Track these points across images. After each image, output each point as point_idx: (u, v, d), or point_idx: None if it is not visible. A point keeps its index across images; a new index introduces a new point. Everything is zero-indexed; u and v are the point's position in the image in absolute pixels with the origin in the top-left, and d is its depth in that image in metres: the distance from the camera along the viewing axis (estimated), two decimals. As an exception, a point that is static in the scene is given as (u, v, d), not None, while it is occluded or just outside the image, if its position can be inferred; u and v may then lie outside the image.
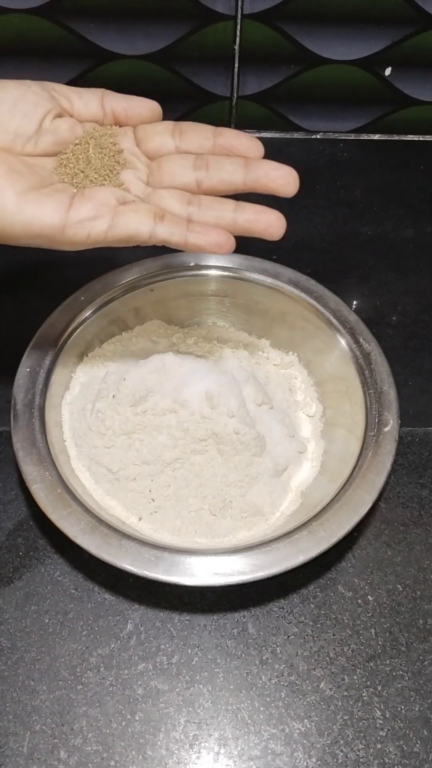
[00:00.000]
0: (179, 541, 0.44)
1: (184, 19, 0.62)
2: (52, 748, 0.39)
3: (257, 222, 0.38)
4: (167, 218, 0.37)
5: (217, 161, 0.39)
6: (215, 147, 0.39)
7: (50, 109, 0.38)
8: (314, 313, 0.50)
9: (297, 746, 0.40)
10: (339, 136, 0.71)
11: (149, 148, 0.40)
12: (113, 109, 0.40)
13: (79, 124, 0.39)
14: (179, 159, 0.39)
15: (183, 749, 0.40)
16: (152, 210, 0.37)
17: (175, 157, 0.39)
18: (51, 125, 0.38)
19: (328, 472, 0.46)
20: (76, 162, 0.38)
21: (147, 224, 0.36)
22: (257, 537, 0.44)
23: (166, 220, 0.37)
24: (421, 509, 0.48)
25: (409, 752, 0.40)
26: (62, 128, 0.38)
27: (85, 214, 0.36)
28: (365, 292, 0.59)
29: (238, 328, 0.54)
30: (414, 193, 0.66)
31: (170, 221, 0.37)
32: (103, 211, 0.36)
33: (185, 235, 0.37)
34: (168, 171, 0.39)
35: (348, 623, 0.44)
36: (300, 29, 0.62)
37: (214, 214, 0.38)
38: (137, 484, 0.46)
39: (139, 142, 0.40)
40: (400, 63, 0.65)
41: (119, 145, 0.39)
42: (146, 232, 0.36)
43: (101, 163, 0.38)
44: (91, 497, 0.44)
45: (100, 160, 0.38)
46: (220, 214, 0.38)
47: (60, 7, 0.61)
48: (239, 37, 0.63)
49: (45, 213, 0.35)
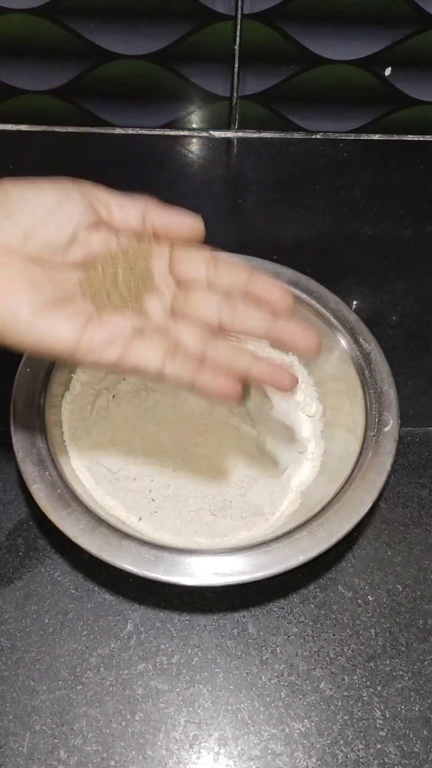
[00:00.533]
0: (179, 541, 0.44)
1: (184, 19, 0.62)
2: (52, 748, 0.39)
3: (270, 377, 0.36)
4: (179, 356, 0.36)
5: (245, 309, 0.37)
6: (246, 291, 0.38)
7: (86, 220, 0.36)
8: (314, 313, 0.50)
9: (297, 746, 0.40)
10: (339, 136, 0.71)
11: (181, 274, 0.38)
12: (153, 224, 0.38)
13: (114, 237, 0.38)
14: (207, 296, 0.38)
15: (183, 749, 0.40)
16: (165, 347, 0.36)
17: (205, 294, 0.38)
18: (84, 237, 0.36)
19: (328, 472, 0.46)
20: (103, 279, 0.36)
21: (157, 361, 0.35)
22: (257, 537, 0.44)
23: (177, 358, 0.36)
24: (421, 509, 0.48)
25: (409, 752, 0.40)
26: (95, 241, 0.37)
27: (97, 341, 0.35)
28: (365, 292, 0.59)
29: (238, 328, 0.54)
30: (414, 193, 0.66)
31: (181, 360, 0.36)
32: (116, 341, 0.35)
33: (193, 377, 0.35)
34: (194, 304, 0.38)
35: (348, 623, 0.44)
36: (300, 29, 0.62)
37: (229, 361, 0.36)
38: (137, 484, 0.46)
39: (173, 263, 0.38)
40: (400, 63, 0.65)
41: (150, 268, 0.38)
42: (155, 368, 0.35)
43: (127, 286, 0.37)
44: (91, 497, 0.44)
45: (126, 283, 0.37)
46: (235, 361, 0.37)
47: (60, 7, 0.61)
48: (239, 37, 0.63)
49: (58, 333, 0.34)
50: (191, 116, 0.69)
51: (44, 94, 0.67)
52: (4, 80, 0.66)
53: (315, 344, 0.37)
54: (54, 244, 0.36)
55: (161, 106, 0.69)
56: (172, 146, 0.69)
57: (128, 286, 0.37)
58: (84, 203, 0.36)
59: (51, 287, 0.35)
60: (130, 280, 0.37)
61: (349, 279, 0.60)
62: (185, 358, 0.36)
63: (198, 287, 0.38)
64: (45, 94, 0.67)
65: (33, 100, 0.68)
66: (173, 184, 0.66)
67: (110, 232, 0.38)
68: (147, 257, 0.38)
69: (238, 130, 0.70)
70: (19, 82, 0.66)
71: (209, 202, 0.65)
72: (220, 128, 0.70)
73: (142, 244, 0.38)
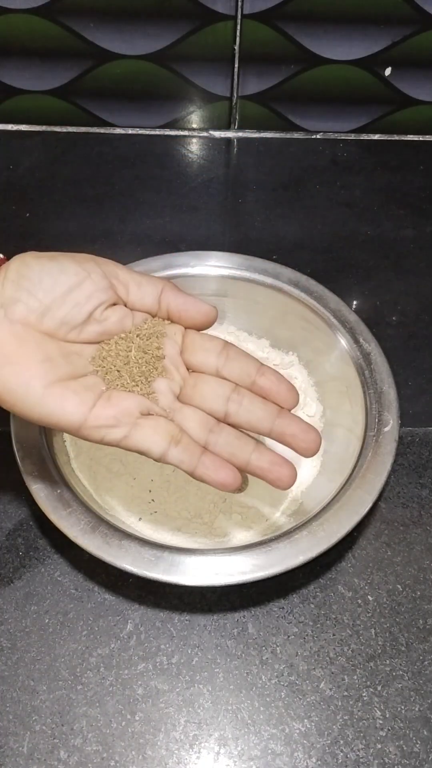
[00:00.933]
0: (179, 541, 0.44)
1: (184, 19, 0.62)
2: (52, 748, 0.39)
3: (269, 472, 0.37)
4: (182, 444, 0.36)
5: (252, 403, 0.38)
6: (254, 385, 0.38)
7: (105, 300, 0.37)
8: (314, 313, 0.50)
9: (297, 746, 0.40)
10: (339, 136, 0.71)
11: (192, 360, 0.39)
12: (168, 306, 0.39)
13: (130, 315, 0.38)
14: (216, 386, 0.38)
15: (183, 749, 0.40)
16: (170, 432, 0.36)
17: (214, 382, 0.39)
18: (101, 316, 0.37)
19: (328, 472, 0.46)
20: (116, 358, 0.37)
21: (161, 445, 0.36)
22: (257, 537, 0.44)
23: (181, 445, 0.36)
24: (421, 509, 0.48)
25: (409, 752, 0.40)
26: (111, 320, 0.37)
27: (104, 420, 0.35)
28: (365, 292, 0.59)
29: (239, 328, 0.54)
30: (414, 193, 0.66)
31: (184, 448, 0.36)
32: (123, 421, 0.35)
33: (195, 466, 0.36)
34: (201, 393, 0.38)
35: (348, 623, 0.44)
36: (300, 29, 0.62)
37: (231, 451, 0.37)
38: (137, 484, 0.46)
39: (185, 348, 0.39)
40: (400, 63, 0.65)
41: (162, 350, 0.38)
42: (158, 452, 0.36)
43: (138, 368, 0.37)
44: (91, 497, 0.44)
45: (138, 365, 0.37)
46: (237, 452, 0.37)
47: (60, 7, 0.61)
48: (239, 37, 0.63)
49: (66, 410, 0.34)
50: (191, 116, 0.69)
51: (44, 94, 0.67)
52: (4, 80, 0.66)
53: (315, 447, 0.38)
54: (71, 321, 0.36)
55: (161, 106, 0.69)
56: (172, 146, 0.70)
57: (140, 369, 0.37)
58: (104, 283, 0.37)
59: (64, 363, 0.35)
60: (142, 360, 0.37)
61: (349, 279, 0.60)
62: (188, 445, 0.36)
63: (207, 375, 0.39)
64: (45, 94, 0.67)
65: (33, 100, 0.68)
66: (173, 184, 0.66)
67: (126, 311, 0.38)
68: (160, 339, 0.38)
69: (238, 130, 0.70)
70: (19, 82, 0.66)
71: (209, 202, 0.65)
72: (220, 128, 0.70)
73: (156, 325, 0.38)
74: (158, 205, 0.64)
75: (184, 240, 0.62)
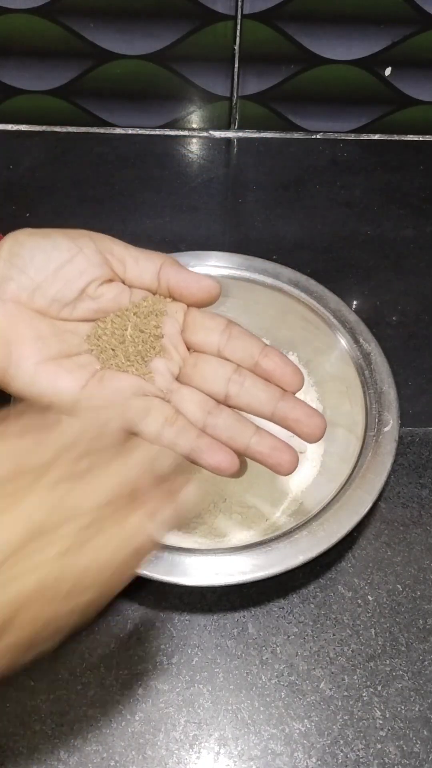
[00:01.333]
0: (179, 541, 0.44)
1: (184, 19, 0.62)
2: (52, 748, 0.39)
3: (270, 456, 0.35)
4: (177, 425, 0.35)
5: (254, 385, 0.36)
6: (258, 366, 0.36)
7: (98, 276, 0.36)
8: (314, 313, 0.50)
9: (297, 746, 0.40)
10: (339, 136, 0.71)
11: (192, 339, 0.37)
12: (168, 282, 0.37)
13: (127, 291, 0.37)
14: (217, 366, 0.37)
15: (183, 749, 0.40)
16: (164, 413, 0.35)
17: (215, 362, 0.37)
18: (95, 292, 0.36)
19: (328, 472, 0.46)
20: (110, 337, 0.36)
21: (155, 426, 0.35)
22: (257, 537, 0.44)
23: (176, 426, 0.35)
24: (421, 509, 0.48)
25: (409, 752, 0.40)
26: (107, 297, 0.36)
27: (95, 401, 0.34)
28: (365, 292, 0.59)
29: (238, 328, 0.54)
30: (414, 193, 0.66)
31: (179, 429, 0.35)
32: (114, 402, 0.35)
33: (190, 448, 0.35)
34: (201, 373, 0.37)
35: (348, 623, 0.44)
36: (300, 29, 0.62)
37: (230, 434, 0.35)
38: (137, 484, 0.46)
39: (185, 327, 0.37)
40: (400, 63, 0.65)
41: (161, 329, 0.36)
42: (152, 433, 0.35)
43: (134, 347, 0.36)
44: (91, 497, 0.44)
45: (134, 344, 0.36)
46: (236, 435, 0.35)
47: (60, 7, 0.61)
48: (239, 37, 0.63)
49: (58, 388, 0.34)
50: (191, 116, 0.69)
51: (44, 94, 0.67)
52: (4, 80, 0.66)
53: (319, 432, 0.36)
54: (63, 299, 0.35)
55: (161, 106, 0.69)
56: (172, 146, 0.70)
57: (136, 349, 0.36)
58: (97, 258, 0.36)
59: (57, 341, 0.35)
60: (138, 339, 0.36)
61: (349, 279, 0.60)
62: (184, 426, 0.35)
63: (208, 355, 0.37)
64: (45, 94, 0.67)
65: (33, 100, 0.68)
66: (173, 184, 0.66)
67: (123, 288, 0.37)
68: (158, 317, 0.37)
69: (238, 130, 0.70)
70: (19, 82, 0.66)
71: (209, 202, 0.65)
72: (220, 128, 0.70)
73: (155, 303, 0.37)
74: (158, 205, 0.64)
75: (184, 240, 0.62)
